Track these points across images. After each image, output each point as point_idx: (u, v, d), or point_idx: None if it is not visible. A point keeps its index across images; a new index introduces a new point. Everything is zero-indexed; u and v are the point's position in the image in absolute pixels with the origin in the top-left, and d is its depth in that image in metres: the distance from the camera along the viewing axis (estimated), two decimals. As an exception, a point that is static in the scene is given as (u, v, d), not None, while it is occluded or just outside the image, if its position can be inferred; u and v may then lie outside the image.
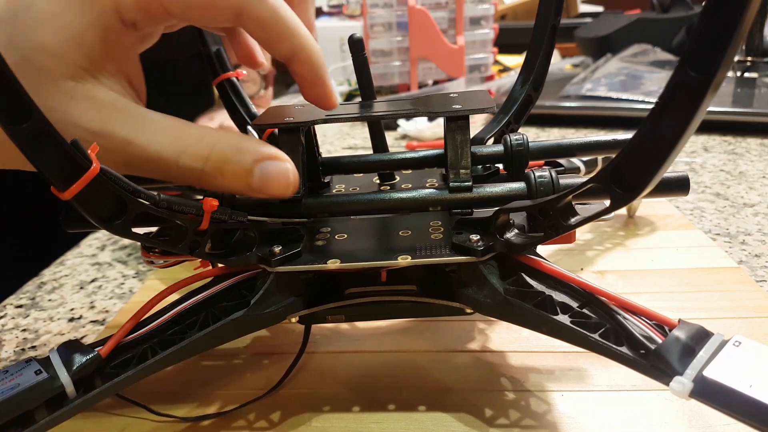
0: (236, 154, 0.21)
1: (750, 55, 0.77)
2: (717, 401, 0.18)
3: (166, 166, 0.21)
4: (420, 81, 0.81)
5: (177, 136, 0.21)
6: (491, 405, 0.26)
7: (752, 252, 0.39)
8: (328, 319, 0.26)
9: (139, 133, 0.21)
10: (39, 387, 0.21)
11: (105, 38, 0.21)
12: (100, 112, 0.21)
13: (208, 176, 0.21)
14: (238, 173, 0.21)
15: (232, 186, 0.22)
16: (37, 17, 0.20)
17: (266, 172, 0.22)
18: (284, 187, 0.22)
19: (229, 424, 0.26)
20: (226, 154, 0.21)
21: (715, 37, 0.15)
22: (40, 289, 0.41)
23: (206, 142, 0.21)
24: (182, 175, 0.21)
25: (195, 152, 0.21)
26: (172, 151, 0.21)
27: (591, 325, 0.21)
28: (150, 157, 0.21)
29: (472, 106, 0.25)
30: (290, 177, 0.22)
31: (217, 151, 0.21)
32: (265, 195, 0.22)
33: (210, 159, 0.21)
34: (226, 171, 0.21)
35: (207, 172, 0.21)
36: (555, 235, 0.22)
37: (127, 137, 0.21)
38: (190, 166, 0.21)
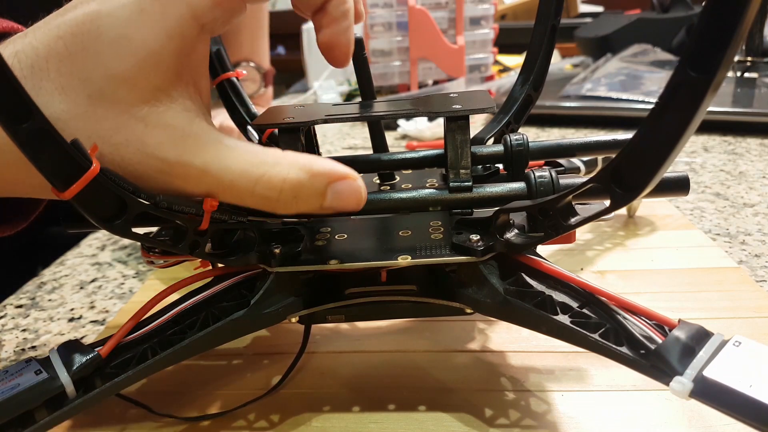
0: (310, 180, 0.21)
1: (750, 55, 0.77)
2: (717, 401, 0.18)
3: (242, 194, 0.21)
4: (420, 81, 0.81)
5: (251, 164, 0.21)
6: (491, 405, 0.26)
7: (752, 252, 0.39)
8: (328, 319, 0.26)
9: (214, 162, 0.20)
10: (39, 387, 0.21)
11: (181, 50, 0.20)
12: (176, 141, 0.20)
13: (284, 203, 0.21)
14: (311, 197, 0.21)
15: (305, 209, 0.21)
16: (108, 44, 0.19)
17: (338, 193, 0.21)
18: (356, 204, 0.22)
19: (229, 424, 0.26)
20: (301, 181, 0.21)
21: (715, 37, 0.15)
22: (40, 289, 0.41)
23: (280, 169, 0.21)
24: (258, 204, 0.21)
25: (269, 181, 0.21)
26: (247, 181, 0.21)
27: (591, 325, 0.21)
28: (225, 186, 0.21)
29: (472, 106, 0.25)
30: (361, 194, 0.22)
31: (291, 178, 0.21)
32: (337, 212, 0.22)
33: (284, 189, 0.21)
34: (301, 196, 0.21)
35: (282, 200, 0.21)
36: (555, 235, 0.22)
37: (203, 167, 0.20)
38: (265, 195, 0.21)
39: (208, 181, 0.21)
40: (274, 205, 0.21)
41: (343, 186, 0.21)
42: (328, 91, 0.88)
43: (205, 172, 0.20)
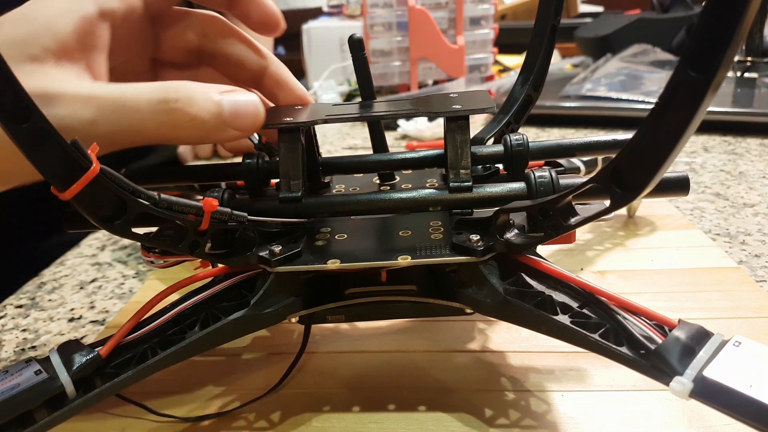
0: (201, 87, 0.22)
1: (750, 55, 0.77)
2: (717, 401, 0.18)
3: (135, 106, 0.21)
4: (420, 81, 0.81)
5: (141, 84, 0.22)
6: (491, 405, 0.26)
7: (752, 252, 0.39)
8: (328, 319, 0.26)
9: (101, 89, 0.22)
10: (39, 387, 0.21)
11: (77, 25, 0.22)
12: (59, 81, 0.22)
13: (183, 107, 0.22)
14: (207, 102, 0.22)
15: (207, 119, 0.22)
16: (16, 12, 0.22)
17: (235, 103, 0.22)
18: (254, 116, 0.23)
19: (229, 424, 0.26)
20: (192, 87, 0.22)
21: (715, 37, 0.15)
22: (40, 289, 0.41)
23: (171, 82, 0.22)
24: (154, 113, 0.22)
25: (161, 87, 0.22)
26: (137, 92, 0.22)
27: (591, 325, 0.21)
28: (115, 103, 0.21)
29: (472, 106, 0.25)
30: (258, 105, 0.23)
31: (182, 85, 0.22)
32: (239, 128, 0.23)
33: (179, 90, 0.22)
34: (197, 100, 0.22)
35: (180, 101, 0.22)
36: (555, 235, 0.22)
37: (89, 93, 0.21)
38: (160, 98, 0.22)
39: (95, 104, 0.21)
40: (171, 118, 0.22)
41: (237, 96, 0.23)
42: (328, 91, 0.88)
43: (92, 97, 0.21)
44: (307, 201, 0.26)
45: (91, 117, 0.21)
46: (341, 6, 1.11)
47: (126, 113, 0.21)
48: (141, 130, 0.22)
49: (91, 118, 0.21)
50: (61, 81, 0.22)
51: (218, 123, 0.22)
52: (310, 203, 0.26)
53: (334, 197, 0.27)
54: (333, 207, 0.26)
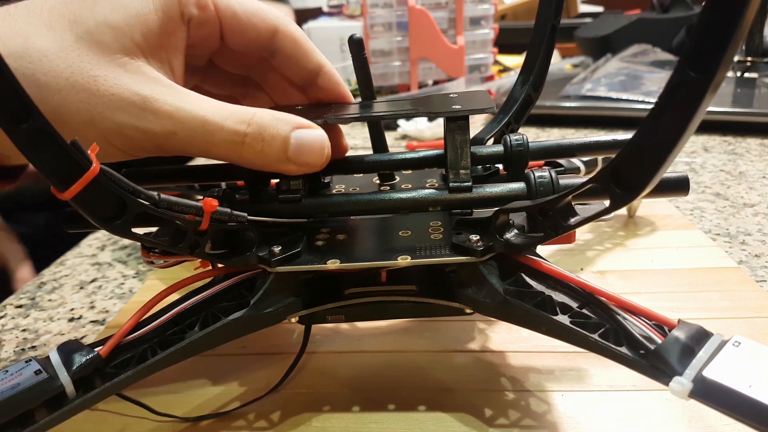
0: (274, 121, 0.23)
1: (750, 55, 0.77)
2: (716, 401, 0.18)
3: (212, 130, 0.22)
4: (420, 81, 0.81)
5: (221, 106, 0.23)
6: (491, 405, 0.26)
7: (752, 252, 0.39)
8: (327, 320, 0.26)
9: (186, 102, 0.22)
10: (39, 387, 0.21)
11: (164, 25, 0.23)
12: (150, 82, 0.22)
13: (251, 141, 0.22)
14: (276, 139, 0.23)
15: (271, 153, 0.23)
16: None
17: (302, 140, 0.23)
18: (319, 154, 0.23)
19: (230, 424, 0.26)
20: (265, 119, 0.23)
21: (715, 37, 0.15)
22: (40, 289, 0.41)
23: (247, 111, 0.23)
24: (226, 140, 0.22)
25: (239, 117, 0.22)
26: (218, 117, 0.22)
27: (591, 326, 0.21)
28: (196, 122, 0.22)
29: (471, 107, 0.25)
30: (324, 144, 0.23)
31: (258, 117, 0.23)
32: (302, 165, 0.23)
33: (252, 123, 0.22)
34: (266, 136, 0.23)
35: (250, 135, 0.22)
36: (555, 235, 0.22)
37: (176, 104, 0.22)
38: (234, 129, 0.22)
39: (178, 117, 0.22)
40: (240, 148, 0.22)
41: (305, 133, 0.23)
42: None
43: (179, 109, 0.22)
44: (307, 201, 0.26)
45: (174, 129, 0.22)
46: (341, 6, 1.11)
47: (204, 134, 0.22)
48: (211, 151, 0.23)
49: (174, 129, 0.22)
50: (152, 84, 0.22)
51: (282, 158, 0.23)
52: (310, 203, 0.26)
53: (333, 197, 0.27)
54: (333, 207, 0.26)
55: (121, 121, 0.22)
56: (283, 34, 0.26)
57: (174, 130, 0.22)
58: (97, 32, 0.22)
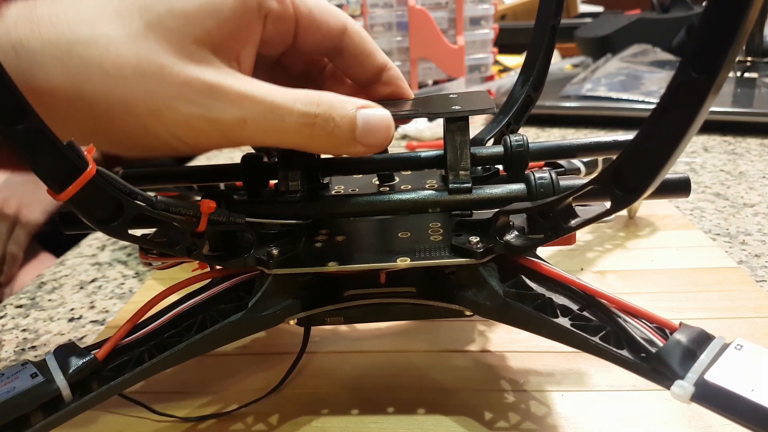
0: (340, 101, 0.22)
1: (750, 55, 0.77)
2: (718, 405, 0.18)
3: (283, 114, 0.22)
4: (420, 81, 0.81)
5: (288, 90, 0.22)
6: (491, 406, 0.26)
7: (752, 252, 0.39)
8: (327, 321, 0.26)
9: (255, 88, 0.22)
10: (35, 390, 0.21)
11: (240, 17, 0.22)
12: (217, 71, 0.22)
13: (322, 122, 0.22)
14: (344, 118, 0.22)
15: (341, 134, 0.22)
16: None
17: (368, 119, 0.23)
18: (385, 134, 0.23)
19: (230, 425, 0.26)
20: (332, 100, 0.22)
21: (717, 38, 0.15)
22: (40, 289, 0.41)
23: (314, 93, 0.22)
24: (297, 123, 0.22)
25: (307, 99, 0.22)
26: (288, 100, 0.22)
27: (591, 328, 0.21)
28: (266, 108, 0.22)
29: (471, 107, 0.25)
30: (390, 123, 0.23)
31: (325, 97, 0.22)
32: (368, 145, 0.23)
33: (321, 104, 0.22)
34: (335, 116, 0.22)
35: (320, 115, 0.22)
36: (555, 237, 0.22)
37: (244, 91, 0.22)
38: (305, 111, 0.22)
39: (248, 104, 0.21)
40: (310, 131, 0.22)
41: (370, 113, 0.23)
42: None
43: (247, 96, 0.22)
44: (306, 202, 0.26)
45: (243, 116, 0.22)
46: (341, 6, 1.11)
47: (275, 119, 0.22)
48: (281, 136, 0.22)
49: (243, 116, 0.22)
50: (220, 73, 0.22)
51: (350, 139, 0.23)
52: (309, 204, 0.26)
53: (333, 198, 0.27)
54: (332, 208, 0.26)
55: (189, 112, 0.21)
56: (351, 32, 0.26)
57: (244, 117, 0.21)
58: (168, 19, 0.21)
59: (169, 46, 0.21)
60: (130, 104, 0.21)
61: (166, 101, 0.21)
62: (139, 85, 0.21)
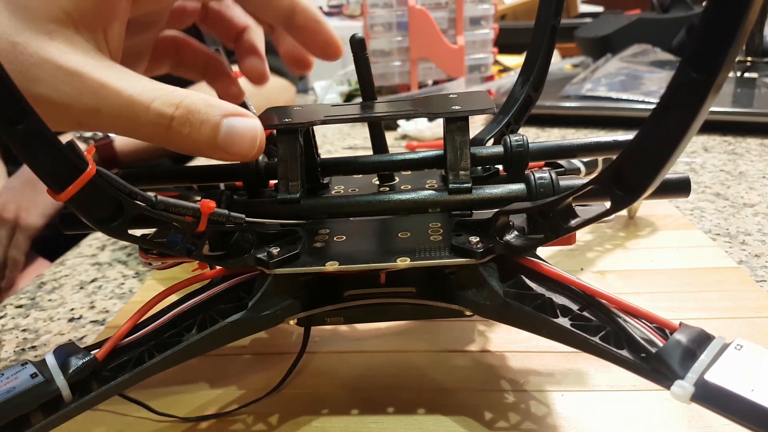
0: (205, 107, 0.21)
1: (750, 55, 0.77)
2: (718, 405, 0.18)
3: (138, 111, 0.21)
4: (420, 81, 0.81)
5: (151, 86, 0.21)
6: (491, 406, 0.26)
7: (752, 252, 0.39)
8: (326, 321, 0.26)
9: (114, 78, 0.21)
10: (34, 390, 0.21)
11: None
12: (77, 54, 0.21)
13: (177, 125, 0.21)
14: (205, 124, 0.21)
15: (199, 139, 0.21)
16: None
17: (233, 128, 0.21)
18: (249, 144, 0.22)
19: (230, 425, 0.26)
20: (196, 104, 0.21)
21: (717, 38, 0.15)
22: (40, 289, 0.41)
23: (178, 93, 0.21)
24: (152, 122, 0.21)
25: (167, 99, 0.21)
26: (145, 97, 0.21)
27: (591, 328, 0.21)
28: (123, 101, 0.20)
29: (471, 107, 0.25)
30: (257, 134, 0.22)
31: (188, 101, 0.21)
32: (231, 154, 0.22)
33: (180, 106, 0.21)
34: (194, 121, 0.21)
35: (176, 118, 0.21)
36: (555, 237, 0.22)
37: (102, 80, 0.20)
38: (161, 111, 0.21)
39: (103, 95, 0.20)
40: (165, 131, 0.21)
41: (237, 121, 0.22)
42: (329, 91, 0.88)
43: (104, 86, 0.20)
44: (306, 202, 0.26)
45: (97, 105, 0.21)
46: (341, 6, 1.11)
47: (129, 114, 0.21)
48: (135, 132, 0.21)
49: (97, 106, 0.21)
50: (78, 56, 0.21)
51: (211, 145, 0.22)
52: (309, 204, 0.26)
53: (333, 198, 0.27)
54: (332, 208, 0.26)
55: (40, 93, 0.20)
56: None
57: (98, 107, 0.20)
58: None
59: (26, 25, 0.20)
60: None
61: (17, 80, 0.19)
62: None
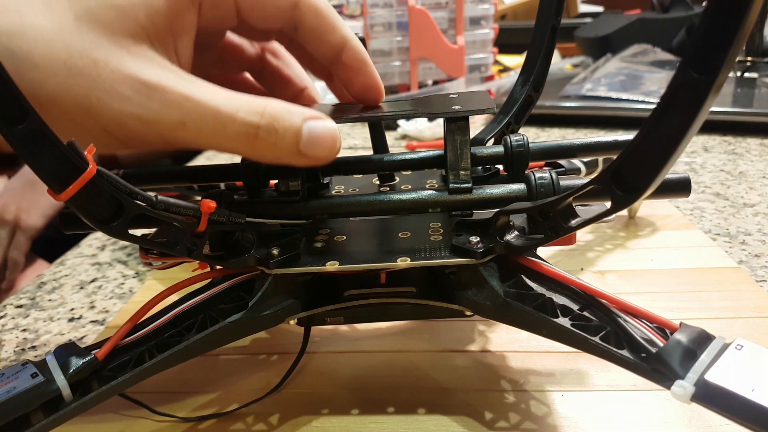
0: (286, 113, 0.22)
1: (750, 55, 0.77)
2: (718, 405, 0.18)
3: (224, 121, 0.21)
4: (420, 81, 0.81)
5: (233, 96, 0.21)
6: (491, 406, 0.26)
7: (752, 252, 0.39)
8: (327, 321, 0.26)
9: (196, 90, 0.21)
10: (35, 390, 0.21)
11: (171, 6, 0.22)
12: (156, 68, 0.21)
13: (264, 134, 0.21)
14: (288, 131, 0.22)
15: (282, 146, 0.22)
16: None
17: (314, 132, 0.22)
18: (330, 147, 0.22)
19: (230, 425, 0.26)
20: (279, 111, 0.21)
21: (718, 38, 0.15)
22: (40, 289, 0.41)
23: (259, 101, 0.22)
24: (238, 133, 0.21)
25: (251, 108, 0.21)
26: (230, 107, 0.21)
27: (591, 328, 0.21)
28: (207, 112, 0.21)
29: (471, 107, 0.25)
30: (336, 136, 0.23)
31: (271, 108, 0.21)
32: (311, 158, 0.22)
33: (265, 115, 0.21)
34: (279, 128, 0.21)
35: (263, 127, 0.21)
36: (555, 237, 0.22)
37: (185, 92, 0.21)
38: (247, 121, 0.21)
39: (188, 107, 0.21)
40: (252, 141, 0.21)
41: (317, 125, 0.22)
42: (329, 91, 0.88)
43: (188, 98, 0.21)
44: (306, 202, 0.26)
45: (183, 119, 0.21)
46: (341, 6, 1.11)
47: (216, 125, 0.21)
48: (222, 143, 0.22)
49: (183, 119, 0.21)
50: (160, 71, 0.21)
51: (294, 151, 0.22)
52: (309, 204, 0.26)
53: (333, 198, 0.27)
54: (332, 208, 0.26)
55: (123, 110, 0.20)
56: (304, 5, 0.25)
57: (183, 120, 0.21)
58: (99, 12, 0.20)
59: (104, 41, 0.20)
60: (60, 99, 0.20)
61: (101, 98, 0.20)
62: (70, 81, 0.20)
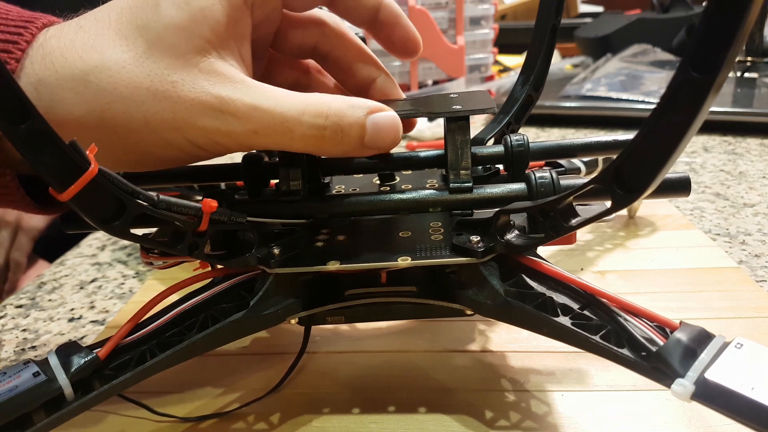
0: (349, 108, 0.23)
1: (750, 55, 0.77)
2: (718, 404, 0.18)
3: (291, 126, 0.22)
4: (420, 81, 0.81)
5: (296, 99, 0.22)
6: (491, 405, 0.26)
7: (752, 252, 0.39)
8: (327, 321, 0.26)
9: (262, 99, 0.22)
10: (37, 389, 0.21)
11: (229, 15, 0.23)
12: (226, 83, 0.22)
13: (331, 133, 0.22)
14: (353, 127, 0.22)
15: (349, 141, 0.23)
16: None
17: (377, 124, 0.23)
18: (394, 137, 0.23)
19: (230, 425, 0.26)
20: (342, 108, 0.22)
21: (718, 37, 0.15)
22: (40, 289, 0.41)
23: (323, 101, 0.22)
24: (306, 135, 0.22)
25: (315, 109, 0.22)
26: (295, 111, 0.22)
27: (592, 327, 0.21)
28: (275, 120, 0.22)
29: (472, 107, 0.25)
30: (398, 125, 0.24)
31: (334, 106, 0.22)
32: (376, 149, 0.23)
33: (330, 114, 0.22)
34: (345, 125, 0.22)
35: (329, 127, 0.22)
36: (555, 236, 0.22)
37: (253, 103, 0.22)
38: (314, 123, 0.22)
39: (257, 117, 0.22)
40: (320, 141, 0.22)
41: (381, 116, 0.23)
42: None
43: (256, 108, 0.22)
44: (307, 202, 0.26)
45: (254, 128, 0.22)
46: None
47: (284, 131, 0.22)
48: (291, 145, 0.23)
49: (254, 128, 0.22)
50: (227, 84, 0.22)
51: (359, 145, 0.23)
52: (310, 204, 0.26)
53: (333, 198, 0.27)
54: (332, 208, 0.26)
55: (204, 125, 0.22)
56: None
57: (255, 129, 0.22)
58: (167, 35, 0.21)
59: (176, 62, 0.21)
60: (150, 124, 0.22)
61: (184, 117, 0.21)
62: (156, 105, 0.21)
